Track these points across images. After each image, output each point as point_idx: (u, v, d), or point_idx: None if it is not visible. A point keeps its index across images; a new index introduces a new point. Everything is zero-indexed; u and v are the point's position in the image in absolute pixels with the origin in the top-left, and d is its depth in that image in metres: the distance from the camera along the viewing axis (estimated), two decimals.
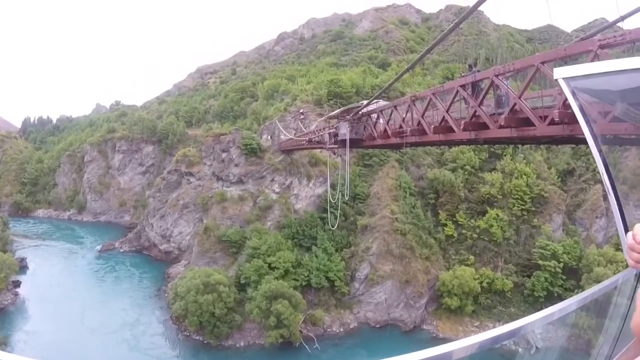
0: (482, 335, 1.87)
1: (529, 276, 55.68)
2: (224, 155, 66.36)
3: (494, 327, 40.36)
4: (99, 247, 77.64)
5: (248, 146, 64.91)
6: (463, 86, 17.86)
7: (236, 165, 64.81)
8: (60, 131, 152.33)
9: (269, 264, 52.81)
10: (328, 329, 51.32)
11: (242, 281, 51.92)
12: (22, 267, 64.95)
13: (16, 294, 57.24)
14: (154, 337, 48.45)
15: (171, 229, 70.24)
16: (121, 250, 76.47)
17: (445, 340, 48.67)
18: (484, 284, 54.43)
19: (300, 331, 47.91)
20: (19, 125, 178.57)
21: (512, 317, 52.15)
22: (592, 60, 11.38)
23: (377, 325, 52.64)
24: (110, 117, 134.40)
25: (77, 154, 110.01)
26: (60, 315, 50.71)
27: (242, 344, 48.21)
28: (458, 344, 1.78)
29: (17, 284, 59.21)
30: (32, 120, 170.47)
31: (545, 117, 13.83)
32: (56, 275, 64.86)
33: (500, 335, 1.93)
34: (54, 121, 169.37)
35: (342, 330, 51.84)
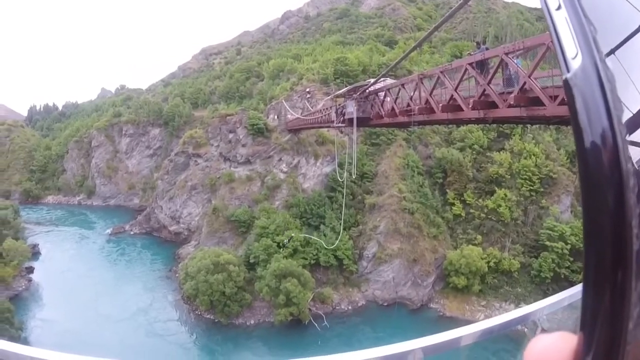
0: (492, 320, 1.91)
1: (536, 257, 55.61)
2: (230, 135, 66.42)
3: (500, 306, 40.40)
4: (109, 231, 78.56)
5: (255, 126, 64.84)
6: (472, 64, 17.64)
7: (243, 146, 64.89)
8: (66, 118, 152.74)
9: (278, 243, 53.34)
10: (336, 307, 52.00)
11: (252, 260, 52.54)
12: (35, 254, 65.94)
13: (30, 280, 58.35)
14: (168, 323, 49.21)
15: (180, 210, 70.85)
16: (131, 233, 77.35)
17: (452, 319, 49.29)
18: (491, 264, 54.52)
19: (309, 309, 48.65)
20: (25, 113, 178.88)
21: (519, 298, 52.52)
22: None
23: (385, 304, 53.22)
24: (116, 102, 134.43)
25: (84, 140, 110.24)
26: (74, 302, 51.45)
27: (252, 322, 49.08)
28: (468, 328, 1.83)
29: (30, 270, 60.27)
30: (37, 108, 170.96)
31: (556, 96, 13.64)
32: (68, 260, 65.79)
33: (510, 320, 1.96)
34: (60, 108, 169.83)
35: (350, 308, 52.48)
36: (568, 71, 0.61)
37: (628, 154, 0.56)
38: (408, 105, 24.81)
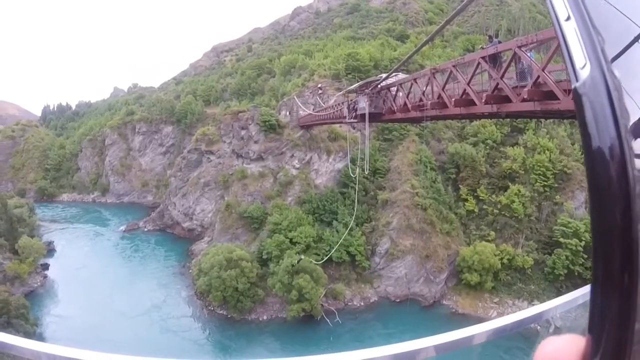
0: (506, 318, 1.89)
1: (549, 254, 54.91)
2: (243, 132, 66.65)
3: (513, 303, 40.02)
4: (123, 228, 79.51)
5: (267, 123, 64.99)
6: (484, 58, 17.46)
7: (255, 142, 65.09)
8: (79, 117, 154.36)
9: (291, 239, 53.54)
10: (349, 303, 52.01)
11: (264, 256, 52.82)
12: (50, 251, 67.07)
13: (45, 277, 59.30)
14: (181, 319, 49.67)
15: (193, 207, 71.36)
16: (145, 230, 78.12)
17: (464, 316, 49.01)
18: (504, 261, 54.00)
19: (322, 305, 48.75)
20: (39, 113, 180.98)
21: (532, 295, 52.01)
22: None
23: (397, 300, 53.11)
24: (129, 100, 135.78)
25: (97, 138, 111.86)
26: (89, 298, 52.09)
27: (264, 317, 49.35)
28: (481, 327, 1.81)
29: (45, 267, 61.28)
30: (51, 107, 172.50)
31: (570, 90, 13.41)
32: (83, 257, 66.65)
33: (524, 319, 1.94)
34: (73, 107, 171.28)
35: (362, 304, 52.48)
36: (577, 80, 0.63)
37: (635, 160, 0.58)
38: (420, 100, 24.67)
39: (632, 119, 0.60)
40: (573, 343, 0.64)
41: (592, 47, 0.62)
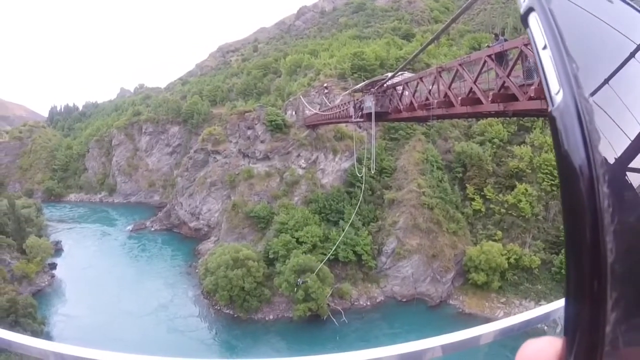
0: (513, 318, 1.88)
1: (557, 253, 54.43)
2: (249, 132, 66.75)
3: (520, 303, 39.70)
4: (130, 227, 79.85)
5: (273, 122, 65.05)
6: (491, 56, 17.37)
7: (262, 142, 65.17)
8: (86, 117, 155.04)
9: (297, 239, 53.53)
10: (355, 303, 51.92)
11: (271, 256, 52.83)
12: (57, 250, 67.47)
13: (52, 276, 59.67)
14: (188, 318, 49.77)
15: (200, 206, 71.54)
16: (152, 229, 78.38)
17: (471, 316, 48.79)
18: (512, 260, 53.57)
19: (328, 304, 48.65)
20: (46, 114, 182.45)
21: (539, 295, 51.68)
22: None
23: (404, 300, 52.95)
24: (135, 101, 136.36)
25: (104, 139, 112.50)
26: (96, 298, 52.27)
27: (271, 317, 49.39)
28: (488, 327, 1.80)
29: (53, 266, 61.68)
30: (58, 108, 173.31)
31: None
32: (90, 256, 66.93)
33: (531, 319, 1.93)
34: (80, 108, 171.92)
35: (369, 303, 52.37)
36: (552, 105, 0.67)
37: (602, 179, 0.61)
38: (427, 99, 24.56)
39: (603, 141, 0.64)
40: (551, 345, 0.69)
41: (565, 75, 0.66)
